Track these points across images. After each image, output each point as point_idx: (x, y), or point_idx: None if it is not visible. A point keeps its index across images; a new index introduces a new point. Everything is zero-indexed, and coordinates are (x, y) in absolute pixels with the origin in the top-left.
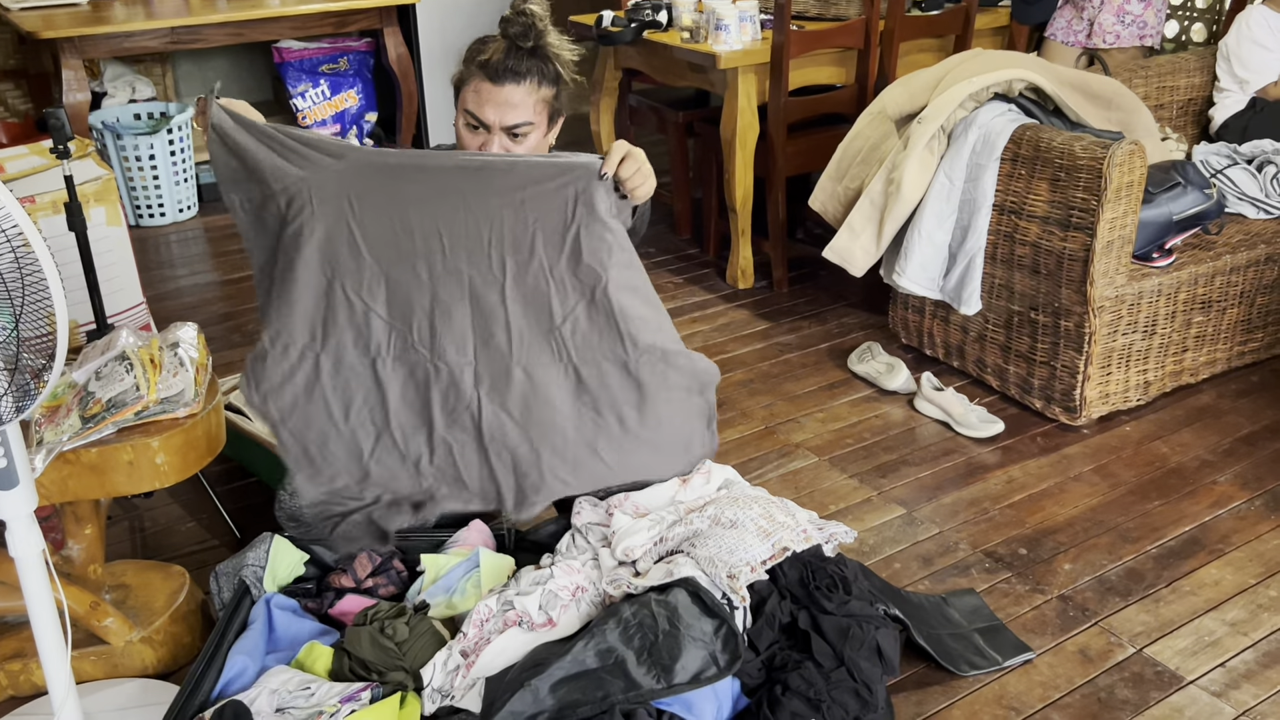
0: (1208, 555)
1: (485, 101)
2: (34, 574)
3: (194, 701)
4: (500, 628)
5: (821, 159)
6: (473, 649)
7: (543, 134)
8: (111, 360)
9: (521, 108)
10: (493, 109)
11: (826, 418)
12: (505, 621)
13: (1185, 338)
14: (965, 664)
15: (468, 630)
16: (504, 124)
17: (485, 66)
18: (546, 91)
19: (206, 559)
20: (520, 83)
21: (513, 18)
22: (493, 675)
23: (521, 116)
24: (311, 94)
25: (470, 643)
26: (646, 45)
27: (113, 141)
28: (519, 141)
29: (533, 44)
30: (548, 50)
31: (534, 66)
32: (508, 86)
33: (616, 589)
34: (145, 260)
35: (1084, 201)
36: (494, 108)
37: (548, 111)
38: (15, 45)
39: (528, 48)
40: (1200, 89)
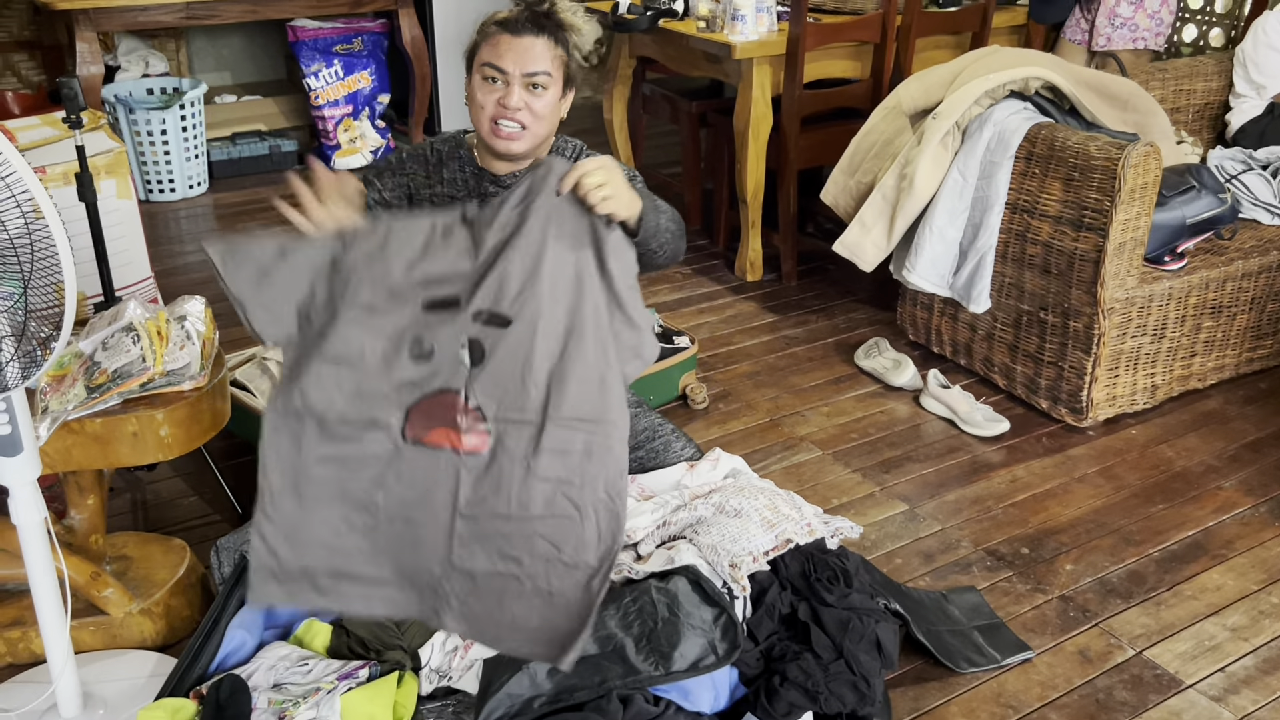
0: (1210, 560)
1: (505, 51)
2: (36, 542)
3: (191, 674)
4: None
5: (834, 153)
6: None
7: (558, 95)
8: (118, 331)
9: (541, 59)
10: (513, 57)
11: (832, 412)
12: None
13: (1194, 342)
14: (964, 661)
15: None
16: (524, 70)
17: (504, 22)
18: (561, 53)
19: (208, 533)
20: (539, 35)
21: None
22: (490, 657)
23: (541, 65)
24: (325, 74)
25: None
26: (662, 34)
27: (125, 115)
28: (537, 95)
29: (547, 8)
30: (558, 16)
31: (550, 26)
32: (527, 38)
33: (617, 574)
34: (154, 235)
35: (1097, 202)
36: (515, 56)
37: (564, 73)
38: (30, 16)
39: (543, 11)
40: (1217, 94)
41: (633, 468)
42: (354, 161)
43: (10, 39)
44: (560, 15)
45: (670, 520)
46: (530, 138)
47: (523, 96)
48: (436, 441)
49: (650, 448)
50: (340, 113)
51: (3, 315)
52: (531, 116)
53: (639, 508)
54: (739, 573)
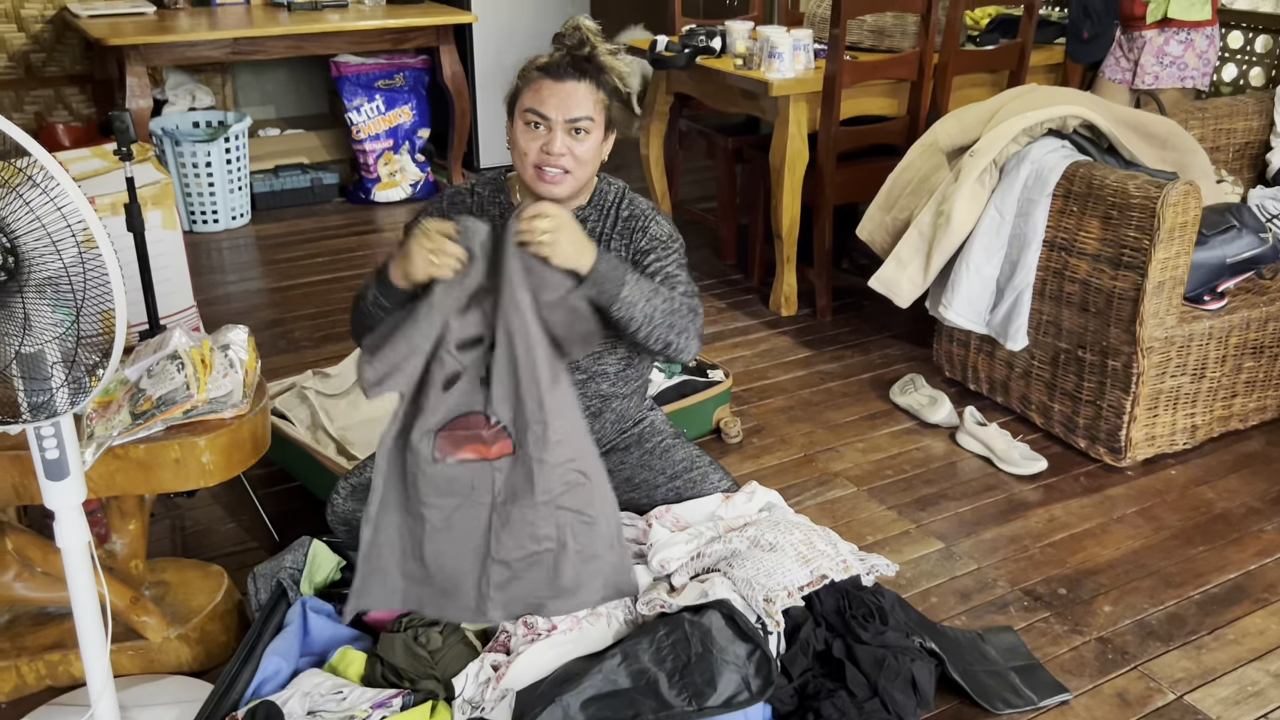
0: (1253, 604)
1: (548, 97)
2: (79, 566)
3: (227, 700)
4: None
5: (869, 189)
6: (504, 661)
7: (600, 138)
8: (163, 359)
9: (583, 104)
10: (555, 103)
11: (867, 448)
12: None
13: (1235, 382)
14: (1000, 702)
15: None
16: (566, 116)
17: (546, 68)
18: (603, 97)
19: (245, 560)
20: (582, 80)
21: (568, 31)
22: (523, 688)
23: (584, 110)
24: (366, 108)
25: (502, 654)
26: (699, 71)
27: (171, 148)
28: (580, 139)
29: (587, 54)
30: (599, 61)
31: (591, 70)
32: (569, 83)
33: (650, 609)
34: (197, 265)
35: (1136, 240)
36: (557, 102)
37: (605, 116)
38: (82, 52)
39: (583, 56)
40: (1258, 133)
41: (669, 498)
42: (394, 194)
43: (63, 73)
44: (601, 59)
45: (704, 552)
46: (573, 182)
47: (566, 142)
48: (468, 457)
49: (688, 478)
50: (381, 147)
51: (54, 342)
52: (574, 161)
53: (673, 539)
54: (773, 607)
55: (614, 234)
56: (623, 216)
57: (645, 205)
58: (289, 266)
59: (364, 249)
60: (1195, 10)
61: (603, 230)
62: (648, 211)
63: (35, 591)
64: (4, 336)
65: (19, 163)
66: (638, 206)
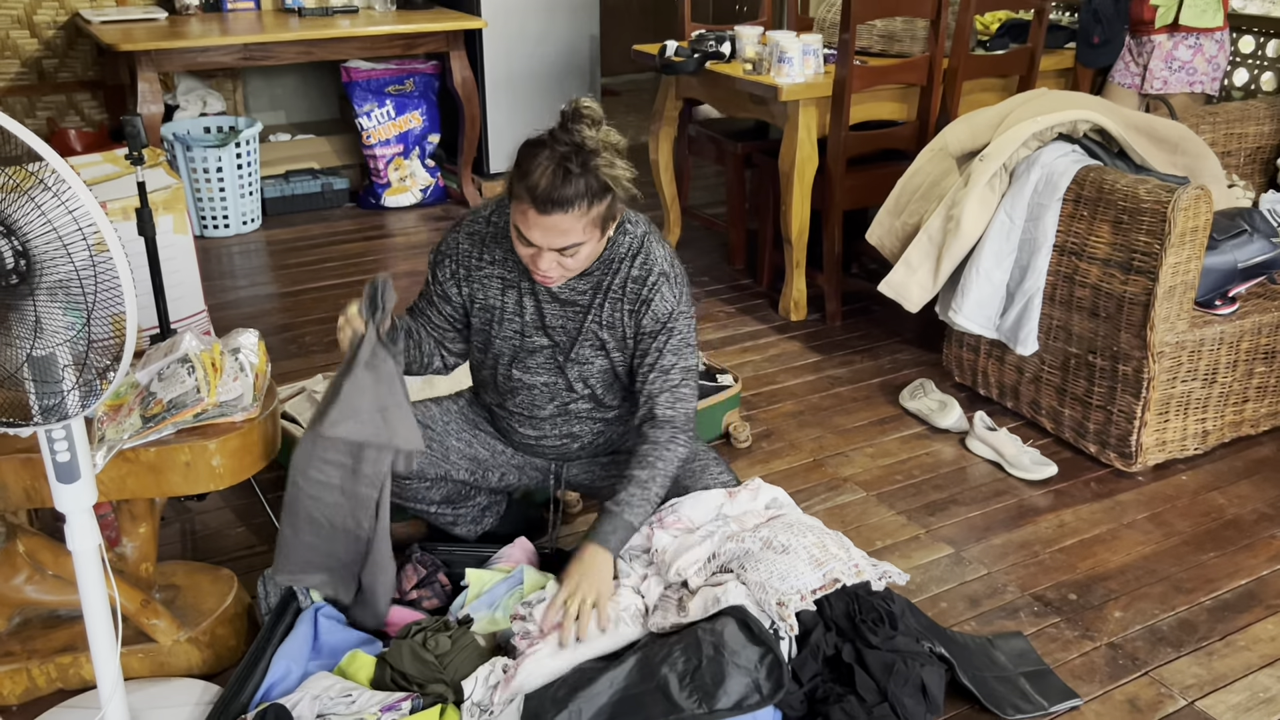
0: (1264, 610)
1: (532, 226)
2: (90, 569)
3: (237, 703)
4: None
5: (879, 194)
6: (512, 664)
7: (596, 244)
8: (174, 362)
9: (571, 232)
10: (540, 234)
11: (876, 453)
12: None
13: (1246, 388)
14: (1010, 708)
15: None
16: (552, 246)
17: (533, 194)
18: (597, 210)
19: (255, 564)
20: (569, 210)
21: (560, 136)
22: (533, 692)
23: (570, 240)
24: (377, 114)
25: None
26: (708, 76)
27: (182, 153)
28: (571, 256)
29: (580, 166)
30: (597, 172)
31: (582, 189)
32: (555, 215)
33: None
34: (208, 270)
35: (1147, 245)
36: (541, 233)
37: (599, 224)
38: (94, 57)
39: (575, 170)
40: (1269, 137)
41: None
42: (404, 200)
43: (74, 79)
44: (601, 173)
45: (718, 551)
46: (568, 278)
47: (554, 260)
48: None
49: (688, 469)
50: (391, 152)
51: (65, 345)
52: (565, 272)
53: (688, 540)
54: (786, 611)
55: (620, 294)
56: (632, 277)
57: (659, 264)
58: (299, 271)
59: (374, 254)
60: (1206, 17)
61: (609, 285)
62: (657, 279)
63: (46, 594)
64: (16, 339)
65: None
66: (651, 266)
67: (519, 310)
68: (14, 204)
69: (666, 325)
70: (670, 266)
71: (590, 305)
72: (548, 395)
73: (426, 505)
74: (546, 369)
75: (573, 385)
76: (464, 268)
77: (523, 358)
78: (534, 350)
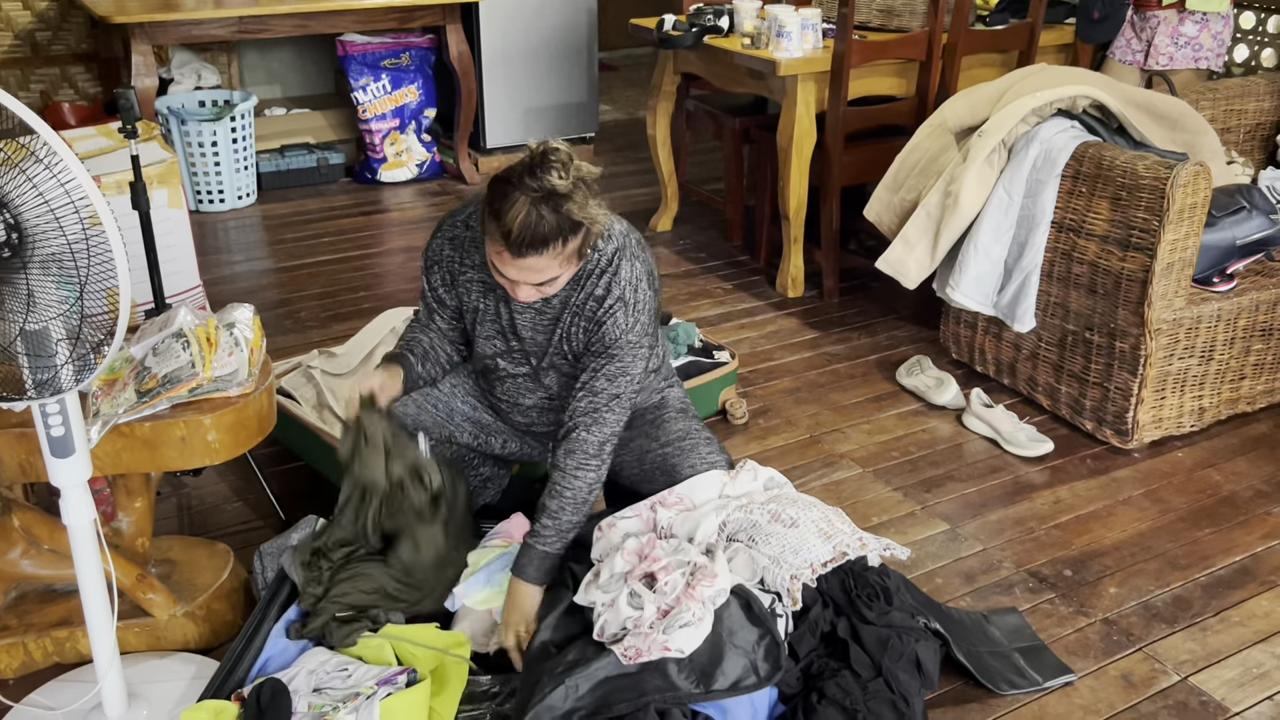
0: (1259, 586)
1: (508, 265)
2: (85, 543)
3: (233, 677)
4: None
5: (877, 170)
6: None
7: (573, 269)
8: (169, 337)
9: (546, 270)
10: (516, 272)
11: (872, 429)
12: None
13: (1244, 365)
14: (1004, 683)
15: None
16: (527, 282)
17: (507, 238)
18: (572, 246)
19: (251, 539)
20: (543, 252)
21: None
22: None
23: (547, 275)
24: (372, 88)
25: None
26: (706, 50)
27: (177, 127)
28: (549, 286)
29: (552, 209)
30: (570, 214)
31: (555, 228)
32: (530, 258)
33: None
34: (203, 245)
35: (1145, 222)
36: (517, 271)
37: (575, 256)
38: (87, 30)
39: (548, 211)
40: (1269, 114)
41: (656, 462)
42: (400, 175)
43: (68, 52)
44: (574, 215)
45: (727, 520)
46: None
47: (531, 290)
48: None
49: (678, 446)
50: (387, 126)
51: (58, 320)
52: (543, 294)
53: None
54: (796, 585)
55: (581, 311)
56: (594, 295)
57: (621, 288)
58: (295, 246)
59: (370, 229)
60: (1213, 2)
61: (576, 303)
62: (614, 303)
63: (42, 569)
64: (8, 313)
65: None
66: (611, 288)
67: (496, 315)
68: (5, 177)
69: (609, 351)
70: (633, 293)
71: (559, 318)
72: (530, 387)
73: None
74: (526, 363)
75: (548, 387)
76: (449, 272)
77: (504, 353)
78: (512, 350)
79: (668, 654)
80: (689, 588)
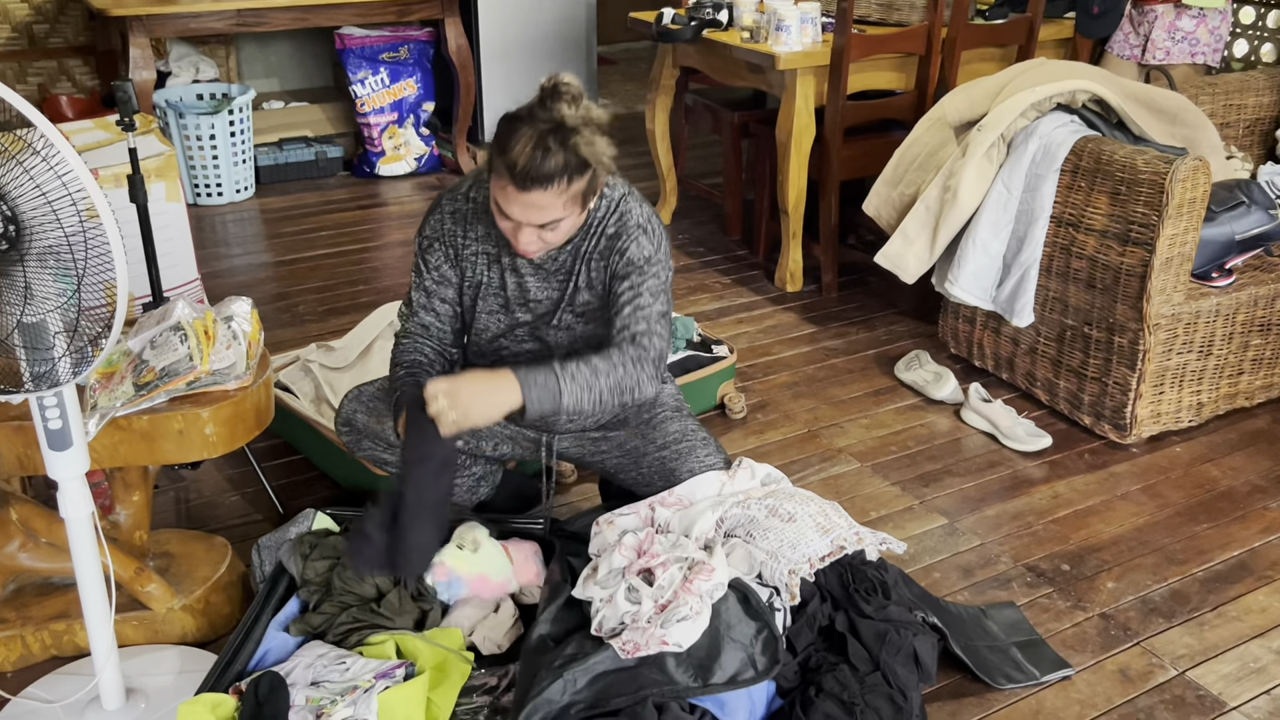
0: (1256, 581)
1: (512, 203)
2: (83, 536)
3: (231, 671)
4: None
5: (877, 164)
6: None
7: (576, 217)
8: (166, 330)
9: (550, 209)
10: (519, 210)
11: (871, 424)
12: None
13: (1242, 360)
14: (1002, 677)
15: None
16: (531, 223)
17: (512, 170)
18: (576, 186)
19: (249, 532)
20: (547, 187)
21: (540, 115)
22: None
23: (550, 216)
24: (371, 81)
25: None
26: (705, 44)
27: (175, 120)
28: (551, 230)
29: (560, 142)
30: (577, 147)
31: (562, 165)
32: (534, 193)
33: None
34: (201, 238)
35: (1144, 216)
36: (520, 209)
37: (580, 199)
38: (85, 22)
39: (555, 146)
40: (1268, 109)
41: (654, 467)
42: (398, 168)
43: (65, 44)
44: (581, 150)
45: (725, 516)
46: (549, 249)
47: (533, 235)
48: None
49: (675, 449)
50: (385, 120)
51: (56, 312)
52: (545, 245)
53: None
54: (795, 579)
55: (593, 254)
56: (608, 234)
57: (636, 218)
58: (293, 240)
59: (368, 223)
60: None
61: (587, 251)
62: (633, 229)
63: (40, 562)
64: (6, 306)
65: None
66: (626, 221)
67: (502, 285)
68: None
69: (641, 269)
70: (647, 221)
71: (572, 271)
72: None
73: None
74: (531, 339)
75: (555, 353)
76: (452, 248)
77: (507, 330)
78: (517, 324)
79: (665, 648)
80: (686, 582)
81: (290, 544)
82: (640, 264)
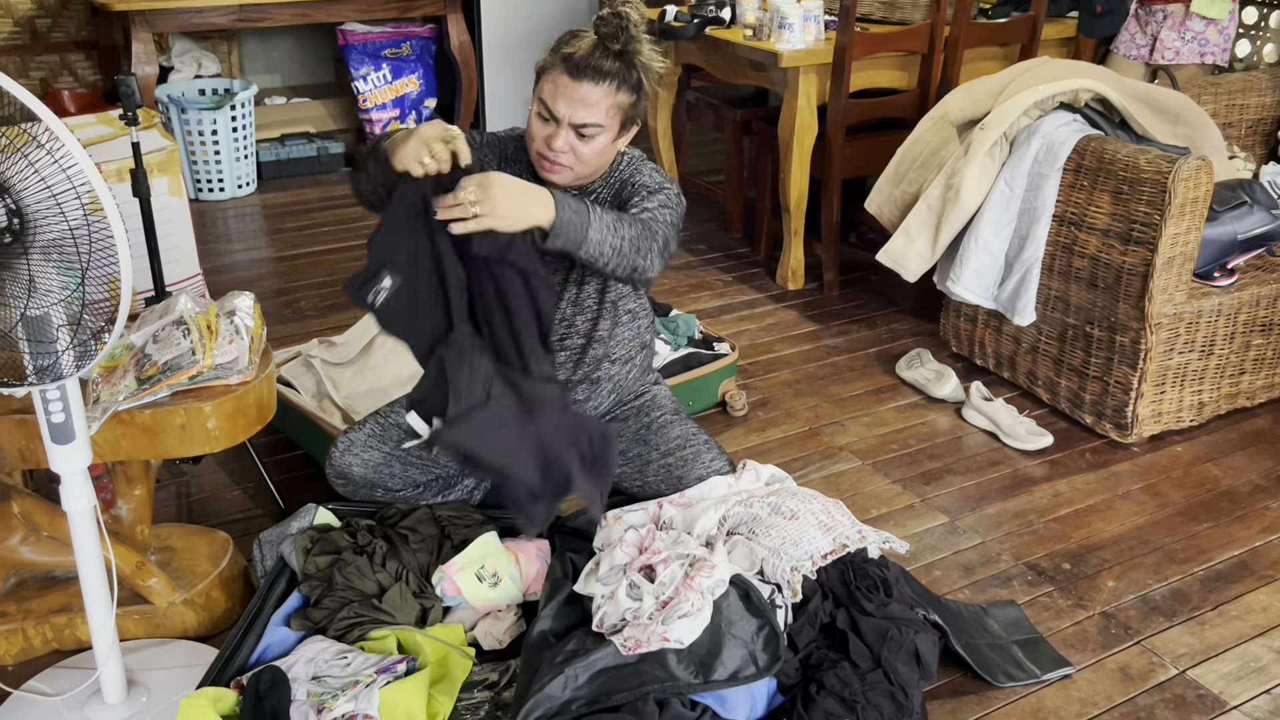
0: (1257, 581)
1: (560, 94)
2: (85, 530)
3: (233, 665)
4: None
5: (878, 162)
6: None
7: (611, 138)
8: (169, 324)
9: (595, 108)
10: (565, 104)
11: (872, 422)
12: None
13: (1243, 360)
14: (1002, 675)
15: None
16: (573, 121)
17: (568, 60)
18: (624, 97)
19: (250, 527)
20: (599, 83)
21: (607, 17)
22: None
23: (592, 117)
24: (373, 77)
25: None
26: (708, 41)
27: (177, 115)
28: (585, 141)
29: (621, 47)
30: (635, 58)
31: (617, 70)
32: (585, 84)
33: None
34: (203, 233)
35: (1146, 216)
36: (567, 103)
37: (621, 117)
38: (87, 17)
39: (615, 50)
40: (1271, 109)
41: (660, 474)
42: None
43: (68, 39)
44: (638, 58)
45: (727, 514)
46: (573, 176)
47: (569, 140)
48: None
49: (680, 456)
50: (387, 116)
51: (60, 306)
52: (576, 159)
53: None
54: (797, 577)
55: (609, 199)
56: (622, 178)
57: (648, 170)
58: (295, 235)
59: (370, 218)
60: (1215, 8)
61: (605, 196)
62: (642, 168)
63: (41, 555)
64: (10, 298)
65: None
66: (639, 168)
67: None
68: (7, 162)
69: (650, 189)
70: (657, 171)
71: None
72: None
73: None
74: None
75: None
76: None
77: None
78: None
79: (667, 645)
80: (688, 578)
81: (292, 539)
82: (651, 187)
